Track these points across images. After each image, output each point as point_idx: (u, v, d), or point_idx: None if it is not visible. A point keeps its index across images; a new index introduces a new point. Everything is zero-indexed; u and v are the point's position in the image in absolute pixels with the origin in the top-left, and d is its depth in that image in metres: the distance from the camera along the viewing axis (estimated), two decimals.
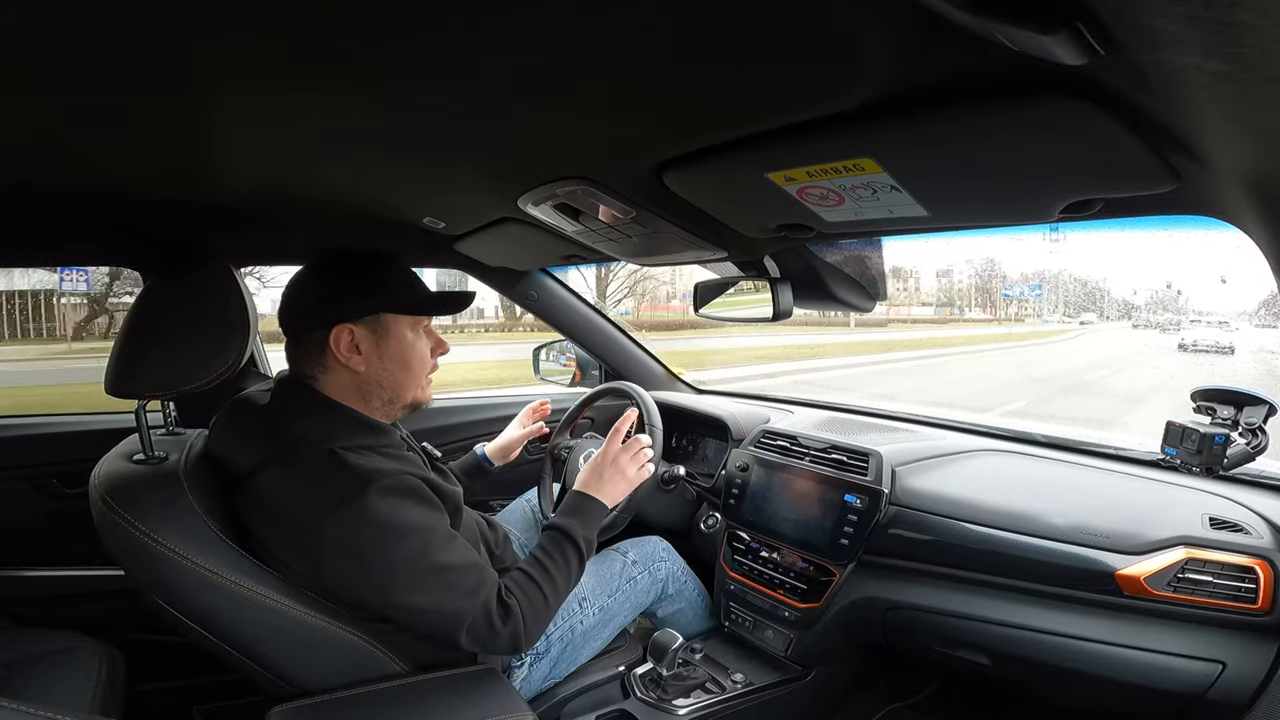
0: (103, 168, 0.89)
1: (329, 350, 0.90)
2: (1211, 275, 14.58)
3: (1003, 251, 18.13)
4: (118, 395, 0.87)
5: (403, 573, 0.82)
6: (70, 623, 1.11)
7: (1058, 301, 15.67)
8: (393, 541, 0.81)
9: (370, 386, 0.93)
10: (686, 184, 0.82)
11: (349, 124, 0.70)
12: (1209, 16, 0.32)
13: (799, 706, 1.30)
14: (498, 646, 0.88)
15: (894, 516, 1.18)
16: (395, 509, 0.82)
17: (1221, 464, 0.93)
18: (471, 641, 0.86)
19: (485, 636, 0.87)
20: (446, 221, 1.26)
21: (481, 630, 0.86)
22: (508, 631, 0.87)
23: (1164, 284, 13.63)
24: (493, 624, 0.86)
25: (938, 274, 16.53)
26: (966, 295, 16.42)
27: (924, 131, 0.58)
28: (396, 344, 0.93)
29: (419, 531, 0.83)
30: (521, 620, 0.88)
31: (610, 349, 1.84)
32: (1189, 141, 0.52)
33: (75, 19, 0.45)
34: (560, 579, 0.95)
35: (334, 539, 0.80)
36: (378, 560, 0.81)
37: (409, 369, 0.95)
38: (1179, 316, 11.94)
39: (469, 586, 0.86)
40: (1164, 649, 0.94)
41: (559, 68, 0.54)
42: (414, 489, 0.86)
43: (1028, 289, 16.04)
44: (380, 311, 0.92)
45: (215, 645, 0.82)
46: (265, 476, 0.86)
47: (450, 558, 0.86)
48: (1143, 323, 13.81)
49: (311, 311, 0.91)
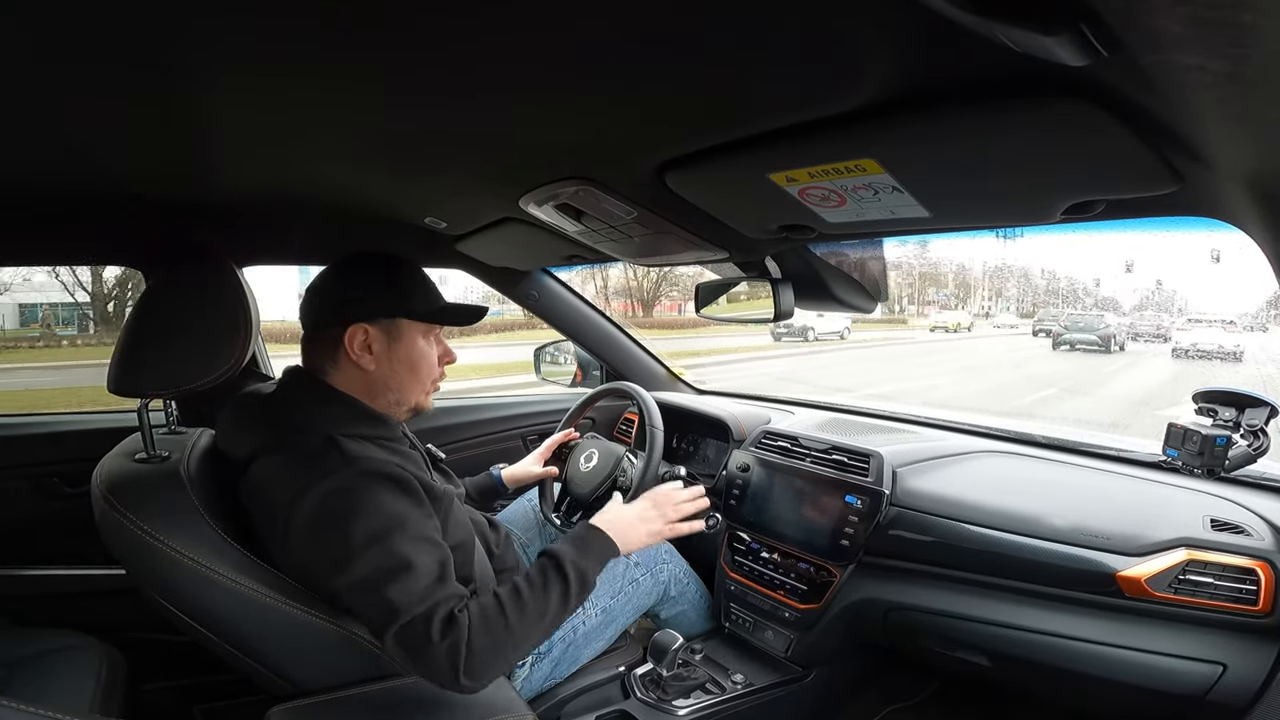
0: (103, 167, 0.89)
1: (343, 347, 0.91)
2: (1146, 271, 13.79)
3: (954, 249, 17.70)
4: (120, 394, 0.87)
5: (358, 550, 0.77)
6: (71, 622, 1.12)
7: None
8: (359, 518, 0.79)
9: (377, 386, 0.93)
10: (688, 185, 0.82)
11: (350, 124, 0.70)
12: (1212, 17, 0.32)
13: (799, 707, 1.30)
14: (430, 659, 0.77)
15: (895, 517, 1.18)
16: (373, 490, 0.81)
17: (1223, 466, 0.92)
18: (400, 646, 0.77)
19: (417, 644, 0.77)
20: (448, 221, 1.26)
21: (415, 635, 0.77)
22: (444, 645, 0.76)
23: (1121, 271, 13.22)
24: (429, 631, 0.76)
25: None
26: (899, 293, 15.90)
27: (926, 132, 0.58)
28: (407, 349, 0.94)
29: (390, 517, 0.80)
30: (466, 638, 0.77)
31: (611, 349, 1.84)
32: (1192, 142, 0.52)
33: (75, 19, 0.45)
34: (534, 610, 0.84)
35: (304, 512, 0.79)
36: (338, 534, 0.78)
37: (416, 374, 0.95)
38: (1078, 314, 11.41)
39: (420, 591, 0.78)
40: (1164, 650, 0.94)
41: (560, 68, 0.54)
42: (400, 479, 0.84)
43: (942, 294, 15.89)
44: (397, 316, 0.93)
45: (216, 644, 0.82)
46: (262, 463, 0.86)
47: (413, 554, 0.79)
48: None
49: (331, 307, 0.92)
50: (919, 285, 15.49)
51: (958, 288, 15.33)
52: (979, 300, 15.58)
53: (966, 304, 15.55)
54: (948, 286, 15.25)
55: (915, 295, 15.68)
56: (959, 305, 15.61)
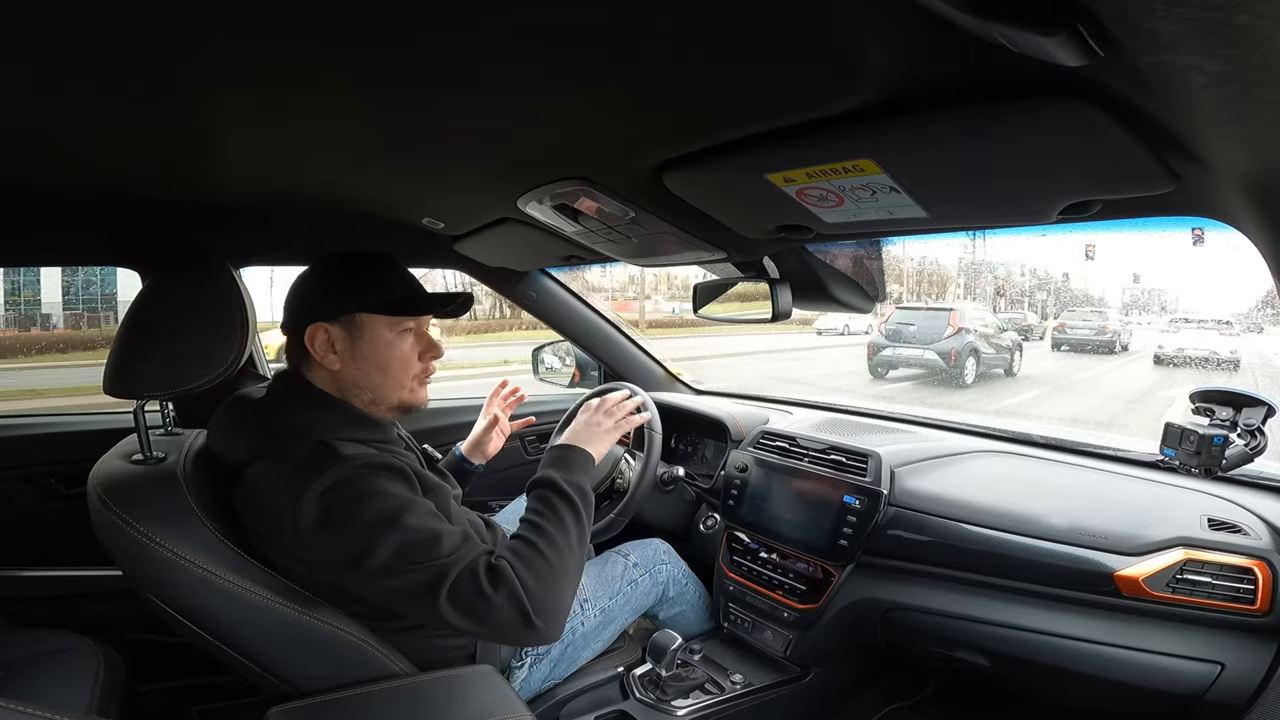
0: (103, 168, 0.89)
1: (306, 348, 0.90)
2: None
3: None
4: (116, 395, 0.87)
5: (379, 532, 0.78)
6: (68, 623, 1.11)
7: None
8: (369, 503, 0.80)
9: (348, 386, 0.92)
10: (686, 185, 0.81)
11: (348, 124, 0.70)
12: (1209, 18, 0.32)
13: (798, 707, 1.30)
14: (495, 614, 0.77)
15: (893, 517, 1.18)
16: (372, 479, 0.82)
17: (1220, 465, 0.93)
18: (457, 609, 0.77)
19: (474, 601, 0.77)
20: (446, 222, 1.26)
21: (467, 593, 0.77)
22: (502, 595, 0.78)
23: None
24: (480, 585, 0.77)
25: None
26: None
27: (923, 133, 0.58)
28: (372, 345, 0.91)
29: (397, 498, 0.81)
30: (517, 581, 0.79)
31: (609, 350, 1.84)
32: (1188, 143, 0.52)
33: (76, 19, 0.45)
34: (558, 535, 0.85)
35: (308, 511, 0.79)
36: (354, 523, 0.79)
37: (386, 371, 0.93)
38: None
39: (450, 547, 0.79)
40: (1163, 650, 0.95)
41: (558, 68, 0.54)
42: (398, 468, 0.85)
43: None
44: (355, 311, 0.91)
45: (213, 645, 0.82)
46: (256, 469, 0.86)
47: (431, 524, 0.81)
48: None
49: (294, 309, 0.93)
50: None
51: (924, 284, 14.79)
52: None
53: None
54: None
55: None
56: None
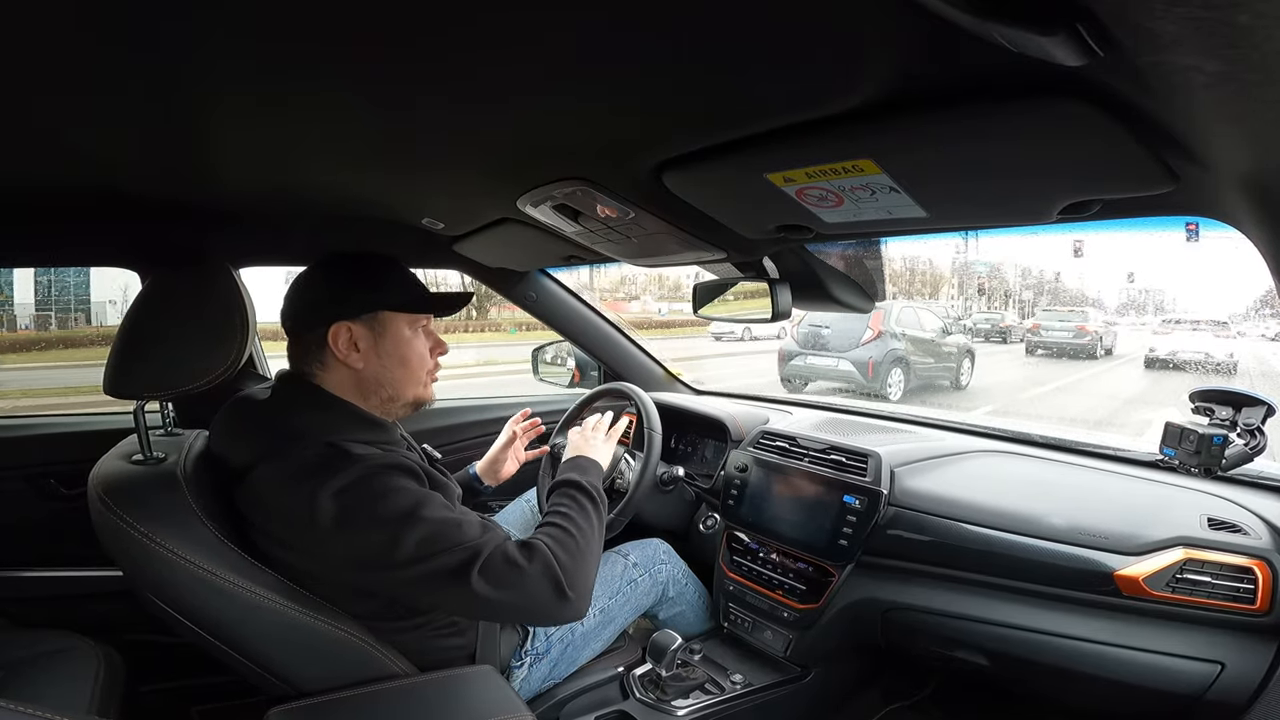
0: (102, 168, 0.89)
1: (328, 347, 0.91)
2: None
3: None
4: (116, 395, 0.87)
5: (401, 526, 0.80)
6: (68, 623, 1.11)
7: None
8: (385, 501, 0.81)
9: (369, 384, 0.94)
10: (686, 185, 0.81)
11: (347, 124, 0.70)
12: (1208, 18, 0.32)
13: (798, 707, 1.30)
14: (529, 584, 0.82)
15: (893, 517, 1.18)
16: (385, 478, 0.83)
17: (1220, 465, 0.93)
18: (490, 584, 0.80)
19: (509, 573, 0.81)
20: (445, 222, 1.26)
21: (501, 567, 0.81)
22: (537, 565, 0.83)
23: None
24: (513, 559, 0.82)
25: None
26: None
27: (923, 133, 0.58)
28: (394, 342, 0.94)
29: (413, 493, 0.83)
30: (551, 555, 0.84)
31: (609, 350, 1.84)
32: (1188, 142, 0.52)
33: (76, 19, 0.45)
34: (583, 521, 0.93)
35: (325, 511, 0.80)
36: (374, 521, 0.80)
37: (407, 366, 0.96)
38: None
39: (474, 533, 0.83)
40: (1163, 649, 0.95)
41: (557, 69, 0.54)
42: (409, 469, 0.86)
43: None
44: (378, 309, 0.93)
45: (213, 646, 0.82)
46: (262, 472, 0.85)
47: (447, 514, 0.84)
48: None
49: (312, 309, 0.92)
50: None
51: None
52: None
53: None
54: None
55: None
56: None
